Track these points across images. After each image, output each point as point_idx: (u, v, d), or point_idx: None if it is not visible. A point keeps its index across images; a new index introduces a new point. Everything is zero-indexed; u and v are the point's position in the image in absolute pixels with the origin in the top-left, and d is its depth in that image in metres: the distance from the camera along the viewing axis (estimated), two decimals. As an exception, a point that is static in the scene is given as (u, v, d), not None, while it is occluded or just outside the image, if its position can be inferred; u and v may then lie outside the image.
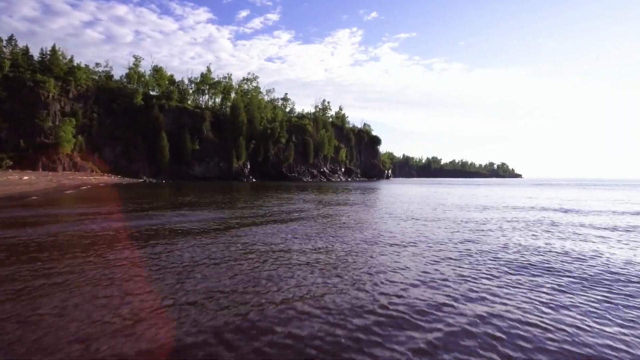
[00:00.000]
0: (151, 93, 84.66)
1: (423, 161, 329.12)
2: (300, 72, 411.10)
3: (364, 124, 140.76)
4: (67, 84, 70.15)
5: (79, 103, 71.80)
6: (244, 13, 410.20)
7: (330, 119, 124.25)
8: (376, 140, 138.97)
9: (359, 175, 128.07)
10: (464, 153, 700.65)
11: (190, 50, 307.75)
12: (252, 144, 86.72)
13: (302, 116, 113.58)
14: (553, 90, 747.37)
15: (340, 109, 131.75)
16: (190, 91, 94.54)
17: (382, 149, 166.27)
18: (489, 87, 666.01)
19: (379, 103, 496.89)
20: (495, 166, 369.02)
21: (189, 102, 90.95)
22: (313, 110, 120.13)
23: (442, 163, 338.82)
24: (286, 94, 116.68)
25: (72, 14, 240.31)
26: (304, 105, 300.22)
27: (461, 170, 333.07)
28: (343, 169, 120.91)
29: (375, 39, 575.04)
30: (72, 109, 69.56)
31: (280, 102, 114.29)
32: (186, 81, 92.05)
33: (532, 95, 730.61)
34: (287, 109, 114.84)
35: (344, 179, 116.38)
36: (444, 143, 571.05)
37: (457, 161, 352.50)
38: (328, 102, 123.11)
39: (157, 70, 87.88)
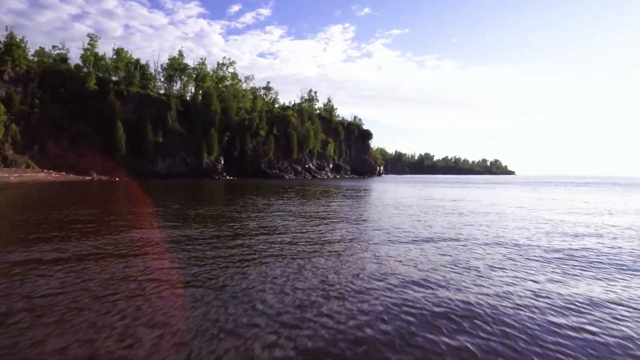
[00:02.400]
0: (112, 79, 73.88)
1: (416, 158, 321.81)
2: (293, 68, 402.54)
3: (354, 117, 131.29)
4: (2, 64, 59.16)
5: (17, 87, 60.85)
6: (235, 8, 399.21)
7: (318, 111, 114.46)
8: (367, 135, 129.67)
9: (348, 172, 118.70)
10: (458, 150, 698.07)
11: (181, 45, 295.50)
12: (226, 136, 76.50)
13: (286, 107, 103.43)
14: (548, 87, 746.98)
15: (329, 100, 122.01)
16: (162, 78, 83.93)
17: (375, 145, 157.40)
18: (483, 85, 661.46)
19: (372, 100, 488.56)
20: (489, 163, 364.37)
21: (160, 90, 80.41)
22: (298, 101, 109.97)
23: (434, 160, 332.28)
24: (268, 82, 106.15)
25: (61, 7, 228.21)
26: (295, 100, 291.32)
27: (454, 167, 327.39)
28: (331, 166, 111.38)
29: (368, 35, 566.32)
30: (7, 93, 58.63)
31: (262, 91, 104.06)
32: (152, 65, 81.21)
33: (527, 93, 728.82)
34: (270, 99, 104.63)
35: (331, 176, 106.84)
36: (438, 140, 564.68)
37: (449, 158, 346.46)
38: (315, 93, 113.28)
39: (118, 53, 77.06)
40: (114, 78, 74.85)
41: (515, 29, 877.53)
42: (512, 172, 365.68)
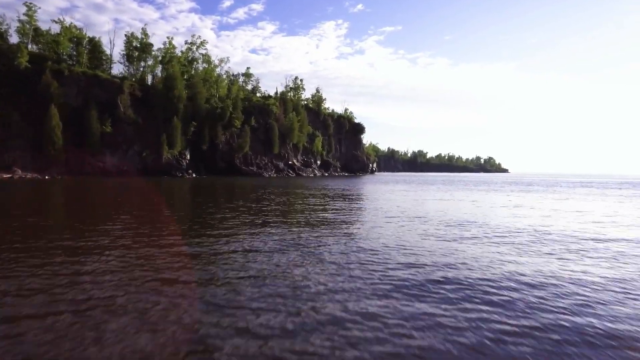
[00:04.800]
0: (51, 55, 61.21)
1: (409, 155, 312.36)
2: (285, 65, 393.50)
3: (346, 109, 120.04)
4: None
5: None
6: (227, 3, 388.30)
7: (305, 102, 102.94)
8: (359, 129, 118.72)
9: (338, 169, 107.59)
10: (452, 146, 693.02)
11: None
12: (192, 126, 64.61)
13: (267, 97, 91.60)
14: (540, 85, 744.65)
15: (318, 90, 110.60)
16: (124, 61, 71.44)
17: (367, 141, 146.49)
18: (475, 83, 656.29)
19: (364, 97, 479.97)
20: (482, 160, 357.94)
21: (119, 73, 68.03)
22: (282, 89, 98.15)
23: (428, 157, 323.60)
24: (248, 68, 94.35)
25: (49, 0, 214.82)
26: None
27: (448, 165, 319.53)
28: (319, 162, 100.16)
29: (360, 32, 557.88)
30: None
31: (242, 78, 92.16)
32: (106, 42, 68.76)
33: (519, 91, 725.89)
34: (249, 87, 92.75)
35: (319, 174, 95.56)
36: (431, 138, 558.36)
37: (443, 155, 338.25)
38: (301, 81, 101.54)
39: (66, 28, 64.41)
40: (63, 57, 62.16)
41: (508, 27, 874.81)
42: (505, 170, 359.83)
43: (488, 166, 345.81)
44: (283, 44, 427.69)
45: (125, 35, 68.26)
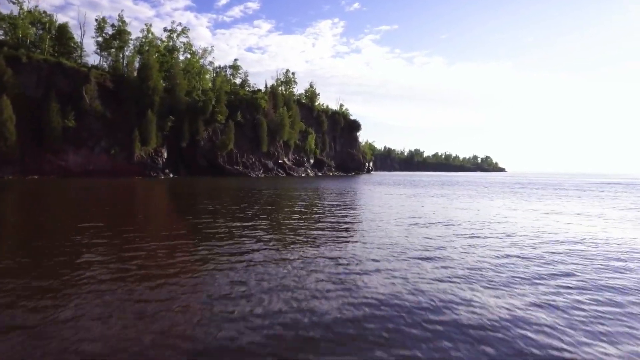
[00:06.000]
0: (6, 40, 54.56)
1: (405, 154, 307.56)
2: (281, 64, 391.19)
3: (341, 105, 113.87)
4: None
5: None
6: (223, 0, 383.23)
7: (297, 97, 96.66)
8: (355, 126, 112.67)
9: (333, 169, 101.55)
10: (449, 145, 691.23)
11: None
12: (169, 121, 58.22)
13: (256, 90, 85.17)
14: (536, 84, 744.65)
15: (311, 85, 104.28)
16: (98, 49, 64.71)
17: (363, 140, 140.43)
18: (471, 82, 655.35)
19: (361, 96, 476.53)
20: (479, 159, 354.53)
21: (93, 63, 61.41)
22: (273, 82, 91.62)
23: (425, 156, 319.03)
24: (236, 59, 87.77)
25: None
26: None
27: (445, 164, 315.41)
28: (312, 161, 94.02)
29: (357, 30, 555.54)
30: None
31: (229, 71, 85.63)
32: (73, 27, 62.09)
33: (515, 90, 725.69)
34: (238, 81, 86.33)
35: (312, 174, 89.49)
36: (428, 137, 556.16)
37: (440, 154, 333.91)
38: (293, 74, 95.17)
39: (28, 12, 57.69)
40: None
41: (503, 25, 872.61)
42: (502, 169, 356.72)
43: (485, 165, 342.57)
44: (279, 43, 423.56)
45: (96, 19, 61.59)
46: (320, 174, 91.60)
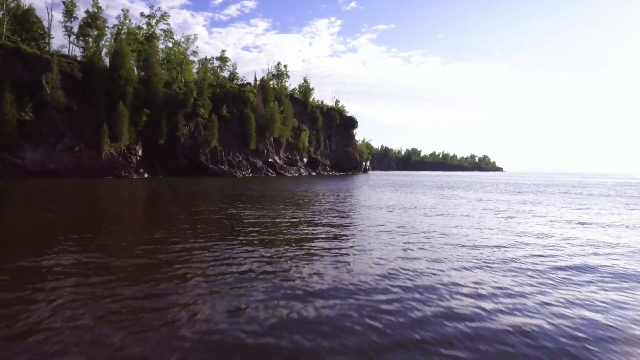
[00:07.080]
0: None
1: (403, 153, 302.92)
2: None
3: (336, 101, 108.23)
4: None
5: None
6: None
7: (290, 92, 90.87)
8: (351, 123, 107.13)
9: (328, 168, 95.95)
10: (446, 145, 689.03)
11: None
12: (144, 115, 52.28)
13: (244, 83, 79.32)
14: (532, 84, 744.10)
15: (305, 80, 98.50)
16: (70, 37, 58.39)
17: (360, 138, 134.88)
18: (468, 81, 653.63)
19: (357, 95, 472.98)
20: (477, 159, 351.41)
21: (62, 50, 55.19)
22: (264, 75, 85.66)
23: (422, 155, 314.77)
24: (224, 51, 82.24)
25: None
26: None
27: (442, 163, 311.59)
28: (305, 160, 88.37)
29: (353, 29, 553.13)
30: None
31: (217, 63, 79.71)
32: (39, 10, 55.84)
33: (511, 89, 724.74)
34: (226, 74, 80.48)
35: (305, 173, 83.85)
36: (425, 136, 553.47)
37: (437, 153, 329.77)
38: (285, 67, 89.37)
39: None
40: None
41: (499, 25, 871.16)
42: (500, 169, 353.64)
43: (483, 165, 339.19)
44: (276, 42, 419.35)
45: (64, 2, 55.34)
46: (314, 174, 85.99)
